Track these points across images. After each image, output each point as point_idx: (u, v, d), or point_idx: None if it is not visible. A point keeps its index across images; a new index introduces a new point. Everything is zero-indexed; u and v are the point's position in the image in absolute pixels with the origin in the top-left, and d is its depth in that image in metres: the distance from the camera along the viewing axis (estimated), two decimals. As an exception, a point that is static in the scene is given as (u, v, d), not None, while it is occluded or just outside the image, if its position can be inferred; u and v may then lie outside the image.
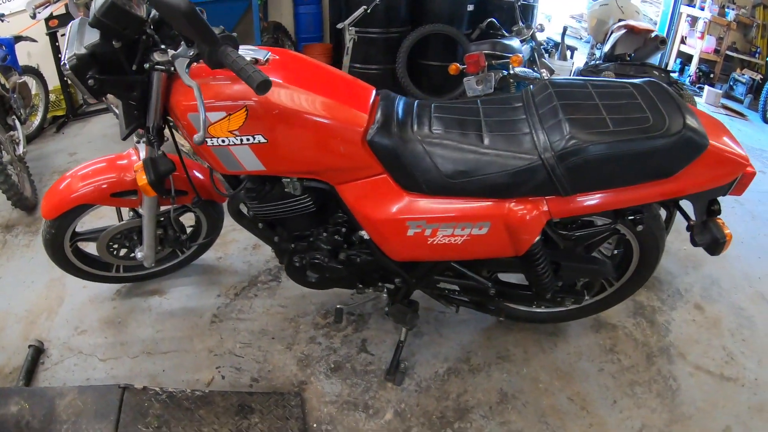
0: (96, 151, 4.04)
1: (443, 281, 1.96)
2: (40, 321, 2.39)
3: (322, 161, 1.56)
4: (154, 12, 1.52)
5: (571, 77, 2.04)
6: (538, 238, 1.65)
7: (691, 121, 1.47)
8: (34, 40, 4.14)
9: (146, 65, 1.51)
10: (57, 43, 4.34)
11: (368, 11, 3.80)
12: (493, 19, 4.03)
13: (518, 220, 1.57)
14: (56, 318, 2.40)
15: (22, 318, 2.42)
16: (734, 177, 1.61)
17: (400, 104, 1.68)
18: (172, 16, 1.24)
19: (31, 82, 4.19)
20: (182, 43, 1.42)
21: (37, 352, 2.20)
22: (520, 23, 3.96)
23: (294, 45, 5.36)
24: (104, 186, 1.95)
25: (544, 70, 3.73)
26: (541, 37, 5.02)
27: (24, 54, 4.18)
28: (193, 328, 2.29)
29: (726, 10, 6.04)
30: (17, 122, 3.56)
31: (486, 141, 1.55)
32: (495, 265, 1.90)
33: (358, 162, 1.56)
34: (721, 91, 5.92)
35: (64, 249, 2.18)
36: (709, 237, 1.66)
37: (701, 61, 6.37)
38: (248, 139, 1.48)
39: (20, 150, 3.41)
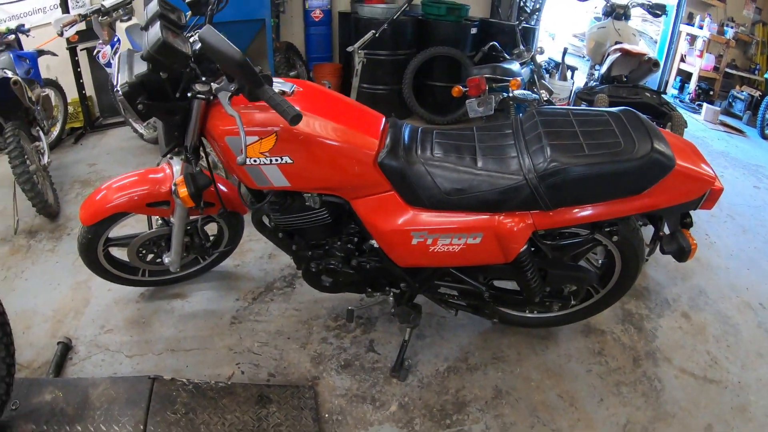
0: (114, 163, 4.31)
1: (443, 286, 2.23)
2: (66, 320, 2.62)
3: (339, 180, 1.85)
4: (196, 48, 1.81)
5: (556, 107, 2.32)
6: (524, 247, 1.92)
7: (658, 144, 1.74)
8: (55, 54, 4.44)
9: (189, 94, 1.79)
10: (76, 58, 4.67)
11: (377, 35, 4.07)
12: (495, 43, 4.33)
13: (507, 231, 1.85)
14: (83, 318, 2.64)
15: (49, 317, 2.64)
16: (702, 193, 1.86)
17: (406, 131, 1.97)
18: (226, 64, 1.52)
19: (51, 95, 4.50)
20: (224, 78, 1.71)
21: (66, 348, 2.42)
22: (521, 46, 4.24)
23: (305, 64, 5.64)
24: (140, 196, 2.23)
25: (543, 91, 4.02)
26: (542, 58, 5.32)
27: (43, 67, 4.47)
28: (214, 328, 2.54)
29: (725, 28, 6.32)
30: (41, 133, 3.86)
31: (479, 163, 1.84)
32: (489, 272, 2.17)
33: (370, 181, 1.85)
34: (719, 109, 6.17)
35: (97, 253, 2.44)
36: (676, 245, 1.94)
37: (701, 78, 6.62)
38: (277, 160, 1.76)
39: (45, 160, 3.70)
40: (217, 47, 1.49)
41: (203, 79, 1.78)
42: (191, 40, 1.87)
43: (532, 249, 2.06)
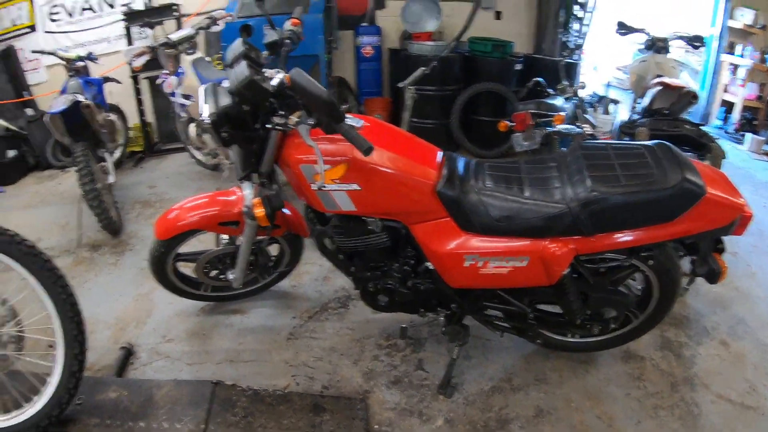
0: (173, 186, 4.64)
1: (490, 307, 2.42)
2: (128, 328, 2.89)
3: (400, 206, 2.09)
4: (276, 85, 2.04)
5: (596, 141, 2.57)
6: (567, 270, 2.12)
7: (689, 174, 1.94)
8: (119, 82, 4.85)
9: (268, 125, 2.05)
10: (138, 86, 5.07)
11: (427, 72, 4.31)
12: (539, 79, 4.50)
13: (551, 255, 2.06)
14: (145, 327, 2.90)
15: (112, 325, 2.91)
16: (732, 220, 2.03)
17: (460, 163, 2.21)
18: (315, 102, 1.78)
19: (115, 119, 4.87)
20: (303, 113, 1.96)
21: (128, 353, 2.69)
22: (564, 82, 4.42)
23: (356, 98, 5.95)
24: (213, 216, 2.51)
25: (586, 125, 4.17)
26: (585, 92, 5.49)
27: (106, 93, 4.87)
28: (271, 343, 2.78)
29: (766, 56, 6.37)
30: (107, 154, 4.21)
31: (526, 193, 2.07)
32: (534, 294, 2.36)
33: (428, 207, 2.08)
34: (763, 138, 6.17)
35: (166, 266, 2.72)
36: (707, 268, 2.12)
37: (744, 108, 6.63)
38: (345, 186, 2.02)
39: (110, 179, 4.04)
40: (307, 87, 1.76)
41: (281, 112, 2.03)
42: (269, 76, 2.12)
43: (575, 274, 2.25)
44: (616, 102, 5.44)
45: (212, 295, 2.99)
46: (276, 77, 2.04)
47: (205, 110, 2.05)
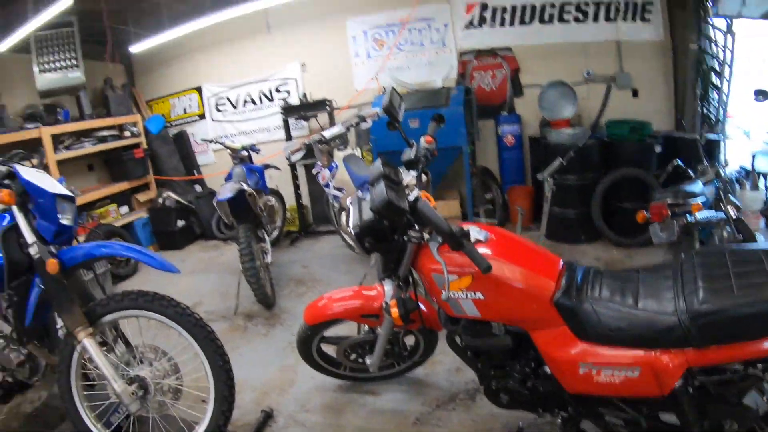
0: (325, 267, 5.23)
1: (607, 414, 2.55)
2: (272, 394, 3.37)
3: (520, 315, 2.38)
4: (411, 201, 2.38)
5: (716, 246, 2.59)
6: (679, 382, 2.21)
7: None
8: (278, 168, 5.64)
9: (404, 237, 2.46)
10: (295, 172, 5.82)
11: (564, 164, 4.50)
12: (679, 161, 4.55)
13: (662, 366, 2.19)
14: (286, 395, 3.38)
15: (257, 389, 3.41)
16: None
17: (579, 273, 2.45)
18: (437, 230, 2.17)
19: (274, 202, 5.63)
20: (434, 233, 2.36)
21: (267, 416, 3.18)
22: (704, 162, 4.43)
23: (499, 188, 6.22)
24: (356, 308, 2.97)
25: (730, 207, 4.11)
26: (731, 168, 5.34)
27: (266, 178, 5.66)
28: (398, 425, 3.10)
29: None
30: (266, 235, 4.89)
31: (640, 304, 2.25)
32: (648, 403, 2.43)
33: (546, 316, 2.34)
34: None
35: (311, 346, 3.21)
36: None
37: None
38: (471, 295, 2.35)
39: (268, 259, 4.70)
40: (431, 218, 2.19)
41: (416, 227, 2.44)
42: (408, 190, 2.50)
43: (696, 384, 2.32)
44: (765, 175, 5.26)
45: (350, 375, 3.43)
46: (412, 194, 2.41)
47: (351, 221, 2.51)
